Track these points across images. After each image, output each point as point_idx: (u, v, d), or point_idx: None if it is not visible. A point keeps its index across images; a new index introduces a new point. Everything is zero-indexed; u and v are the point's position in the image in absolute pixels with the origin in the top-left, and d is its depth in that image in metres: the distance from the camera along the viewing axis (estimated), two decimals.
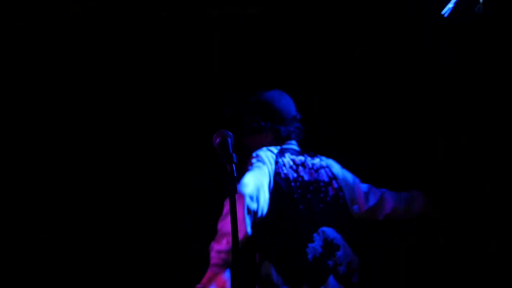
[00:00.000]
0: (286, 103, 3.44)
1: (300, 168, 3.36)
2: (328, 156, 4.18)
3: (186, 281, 3.56)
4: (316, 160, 3.45)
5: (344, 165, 4.12)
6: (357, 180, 3.53)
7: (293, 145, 3.43)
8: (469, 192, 4.03)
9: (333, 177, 3.43)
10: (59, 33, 4.05)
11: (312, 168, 3.40)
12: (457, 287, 4.00)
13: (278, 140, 3.39)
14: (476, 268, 3.97)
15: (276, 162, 3.26)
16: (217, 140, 2.59)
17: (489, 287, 3.93)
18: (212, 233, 3.27)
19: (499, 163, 3.99)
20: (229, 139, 2.59)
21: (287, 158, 3.33)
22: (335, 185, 3.41)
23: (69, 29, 4.06)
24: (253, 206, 3.05)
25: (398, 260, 4.12)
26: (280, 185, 3.22)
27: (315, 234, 3.23)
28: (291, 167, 3.31)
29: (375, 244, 4.13)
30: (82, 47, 4.09)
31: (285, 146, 3.38)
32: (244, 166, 3.21)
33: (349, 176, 3.52)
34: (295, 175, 3.29)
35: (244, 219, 3.00)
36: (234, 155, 2.51)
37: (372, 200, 3.51)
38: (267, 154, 3.28)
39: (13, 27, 4.00)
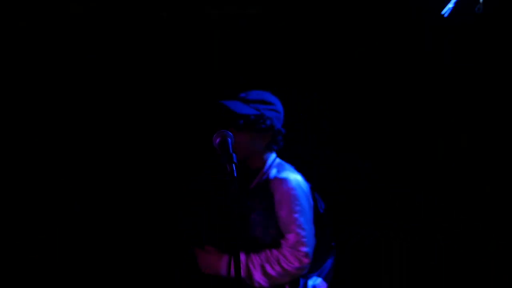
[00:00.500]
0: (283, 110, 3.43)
1: None
2: (327, 156, 4.20)
3: (186, 281, 3.56)
4: None
5: (343, 164, 4.15)
6: None
7: None
8: (469, 192, 4.04)
9: None
10: (59, 33, 4.05)
11: None
12: (457, 287, 4.00)
13: (273, 144, 3.33)
14: (476, 268, 3.97)
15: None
16: (217, 140, 2.59)
17: (489, 287, 3.93)
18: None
19: (499, 163, 4.00)
20: (229, 139, 2.58)
21: None
22: None
23: (69, 29, 4.06)
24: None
25: (397, 260, 4.11)
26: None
27: None
28: None
29: (375, 244, 4.13)
30: (82, 47, 4.08)
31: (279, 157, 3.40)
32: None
33: None
34: None
35: None
36: (234, 155, 2.50)
37: None
38: (301, 183, 3.23)
39: (13, 27, 4.00)
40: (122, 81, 4.16)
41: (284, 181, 3.17)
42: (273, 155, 3.35)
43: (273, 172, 3.26)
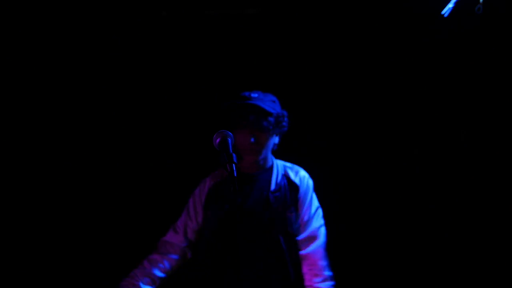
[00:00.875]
0: None
1: None
2: (327, 155, 4.20)
3: (185, 280, 3.56)
4: None
5: (340, 162, 4.13)
6: None
7: None
8: (468, 189, 4.05)
9: None
10: (58, 32, 4.05)
11: None
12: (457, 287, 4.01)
13: (276, 146, 3.40)
14: (476, 268, 3.97)
15: None
16: (217, 140, 2.59)
17: (489, 287, 3.94)
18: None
19: (498, 162, 4.00)
20: (229, 139, 2.58)
21: None
22: None
23: (69, 28, 4.05)
24: None
25: (397, 260, 4.12)
26: None
27: None
28: None
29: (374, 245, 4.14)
30: (81, 46, 4.08)
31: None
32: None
33: None
34: None
35: None
36: (234, 155, 2.51)
37: None
38: None
39: (13, 27, 4.00)
40: (122, 80, 4.16)
41: (307, 178, 3.41)
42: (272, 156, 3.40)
43: (290, 171, 3.40)
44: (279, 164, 3.40)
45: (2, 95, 4.02)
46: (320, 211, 3.39)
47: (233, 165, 2.47)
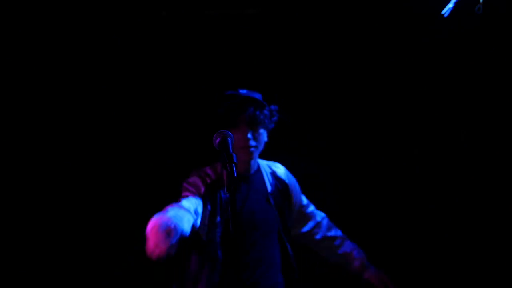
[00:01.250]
0: None
1: None
2: (327, 155, 4.20)
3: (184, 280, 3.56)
4: None
5: (340, 162, 4.13)
6: None
7: None
8: (468, 189, 4.05)
9: None
10: (59, 33, 4.05)
11: None
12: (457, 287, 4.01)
13: (264, 145, 3.41)
14: (476, 268, 3.97)
15: None
16: (217, 140, 2.58)
17: (489, 287, 3.94)
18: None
19: (498, 162, 4.00)
20: (229, 139, 2.57)
21: None
22: None
23: (69, 28, 4.05)
24: None
25: (397, 260, 4.12)
26: None
27: None
28: None
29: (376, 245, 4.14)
30: (82, 46, 4.08)
31: None
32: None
33: None
34: None
35: None
36: (234, 155, 2.50)
37: None
38: None
39: (13, 27, 4.00)
40: (122, 79, 4.16)
41: (287, 170, 3.39)
42: None
43: (274, 169, 3.37)
44: (263, 164, 3.39)
45: (2, 95, 4.01)
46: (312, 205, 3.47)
47: (233, 165, 2.46)
